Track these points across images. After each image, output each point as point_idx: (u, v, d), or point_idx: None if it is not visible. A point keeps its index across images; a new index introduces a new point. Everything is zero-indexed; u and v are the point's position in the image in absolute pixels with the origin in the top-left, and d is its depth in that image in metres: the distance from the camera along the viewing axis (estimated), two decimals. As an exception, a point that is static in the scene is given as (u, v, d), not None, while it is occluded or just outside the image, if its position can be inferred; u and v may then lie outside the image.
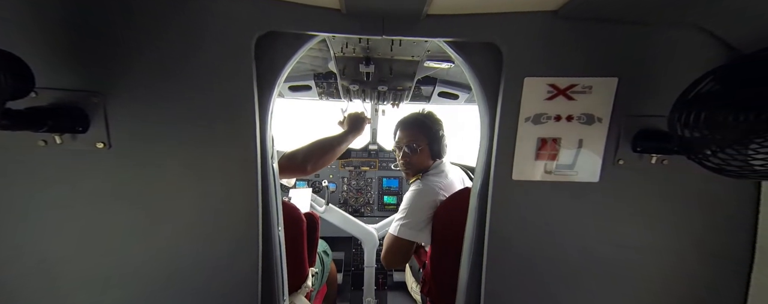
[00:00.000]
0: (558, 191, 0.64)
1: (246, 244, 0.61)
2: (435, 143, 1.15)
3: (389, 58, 0.97)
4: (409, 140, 1.15)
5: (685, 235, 0.65)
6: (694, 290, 0.67)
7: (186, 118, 0.56)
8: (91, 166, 0.56)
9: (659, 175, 0.63)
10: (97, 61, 0.53)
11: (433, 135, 1.15)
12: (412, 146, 1.14)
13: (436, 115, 1.21)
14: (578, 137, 0.62)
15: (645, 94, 0.59)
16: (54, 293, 0.60)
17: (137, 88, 0.55)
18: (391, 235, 1.02)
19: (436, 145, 1.15)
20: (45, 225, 0.58)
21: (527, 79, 0.59)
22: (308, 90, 1.41)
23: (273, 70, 0.60)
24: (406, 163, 1.18)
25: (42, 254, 0.59)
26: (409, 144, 1.15)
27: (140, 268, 0.61)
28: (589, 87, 0.59)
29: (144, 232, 0.60)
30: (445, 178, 1.10)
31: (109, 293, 0.61)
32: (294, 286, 0.90)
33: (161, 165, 0.57)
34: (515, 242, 0.67)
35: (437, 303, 1.09)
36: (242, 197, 0.60)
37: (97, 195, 0.57)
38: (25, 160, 0.55)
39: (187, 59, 0.54)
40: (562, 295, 0.69)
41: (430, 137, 1.14)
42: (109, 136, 0.55)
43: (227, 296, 0.63)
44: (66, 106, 0.53)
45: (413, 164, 1.16)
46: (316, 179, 2.01)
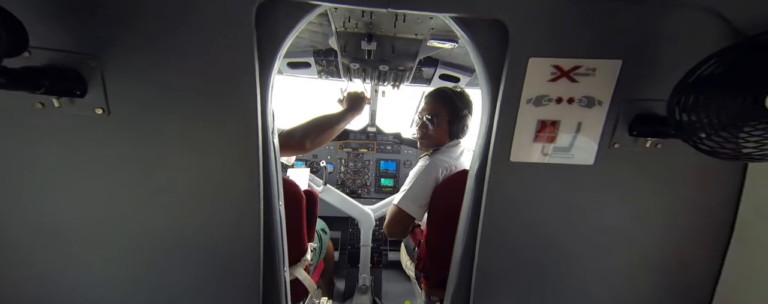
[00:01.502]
0: (553, 173, 0.66)
1: (247, 216, 0.63)
2: (455, 122, 1.12)
3: (392, 35, 0.94)
4: (430, 112, 1.14)
5: (669, 216, 0.68)
6: (673, 266, 0.72)
7: (185, 87, 0.55)
8: (90, 131, 0.56)
9: (652, 159, 0.65)
10: (93, 22, 0.51)
11: (455, 113, 1.12)
12: (431, 119, 1.13)
13: (468, 95, 1.17)
14: (577, 120, 0.63)
15: (647, 77, 0.59)
16: (55, 253, 0.61)
17: (135, 53, 0.53)
18: (394, 205, 1.05)
19: (456, 124, 1.12)
20: (46, 187, 0.58)
21: (532, 59, 0.58)
22: (307, 67, 1.38)
23: (274, 41, 0.58)
24: (422, 134, 1.17)
25: (43, 216, 0.60)
26: (431, 116, 1.13)
27: (142, 235, 0.62)
28: (592, 69, 0.58)
29: (145, 200, 0.60)
30: (455, 159, 1.09)
31: (113, 258, 0.63)
32: (294, 259, 0.93)
33: (161, 134, 0.57)
34: (509, 222, 0.69)
35: (431, 279, 1.15)
36: (243, 170, 0.60)
37: (96, 161, 0.57)
38: (24, 122, 0.54)
39: (185, 26, 0.52)
40: (552, 273, 0.73)
41: (452, 114, 1.12)
42: (108, 102, 0.54)
43: (230, 265, 0.66)
44: (62, 68, 0.51)
45: (429, 136, 1.15)
46: (315, 159, 2.02)
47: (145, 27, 0.52)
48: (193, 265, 0.65)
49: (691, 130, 0.47)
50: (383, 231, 1.11)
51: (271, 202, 0.66)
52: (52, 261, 0.62)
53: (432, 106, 1.15)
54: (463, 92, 1.18)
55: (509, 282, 0.73)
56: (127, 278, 0.65)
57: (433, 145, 1.16)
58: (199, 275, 0.66)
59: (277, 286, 0.72)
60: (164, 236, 0.63)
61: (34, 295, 0.64)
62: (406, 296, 1.58)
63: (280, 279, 0.72)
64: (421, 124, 1.18)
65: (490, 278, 0.73)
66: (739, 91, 0.41)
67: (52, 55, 0.51)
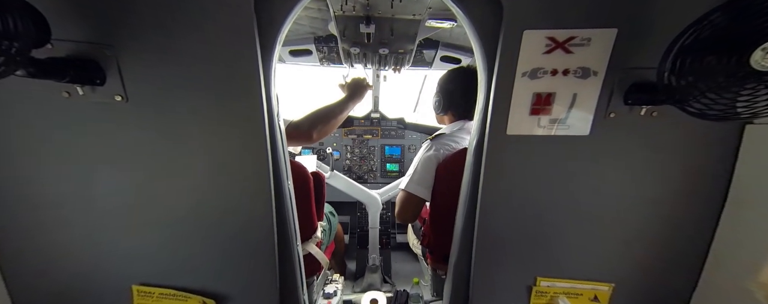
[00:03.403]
0: (550, 145, 0.67)
1: (259, 194, 0.67)
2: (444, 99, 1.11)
3: (390, 17, 0.94)
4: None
5: (665, 181, 0.70)
6: (669, 229, 0.73)
7: (193, 73, 0.59)
8: (111, 117, 0.61)
9: (647, 127, 0.66)
10: (106, 13, 0.54)
11: (442, 90, 1.12)
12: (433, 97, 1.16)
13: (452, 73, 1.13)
14: (573, 92, 0.64)
15: (642, 45, 0.59)
16: (90, 223, 0.68)
17: (145, 41, 0.56)
18: (402, 190, 1.08)
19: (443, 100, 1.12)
20: (79, 167, 0.64)
21: (526, 32, 0.59)
22: (309, 55, 1.40)
23: (273, 25, 0.60)
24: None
25: (78, 193, 0.66)
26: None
27: (161, 212, 0.68)
28: (587, 39, 0.59)
29: (162, 180, 0.66)
30: (458, 144, 1.07)
31: (137, 232, 0.69)
32: (305, 236, 1.00)
33: (174, 118, 0.61)
34: (507, 193, 0.72)
35: (436, 254, 1.20)
36: (252, 150, 0.64)
37: (118, 144, 0.63)
38: (55, 109, 0.60)
39: (189, 13, 0.55)
40: (549, 241, 0.76)
41: (442, 93, 1.12)
42: (125, 89, 0.58)
43: (246, 240, 0.71)
44: (82, 58, 0.55)
45: (435, 114, 1.19)
46: (321, 146, 2.07)
47: (153, 15, 0.55)
48: (212, 240, 0.71)
49: (680, 94, 0.48)
50: (395, 217, 1.14)
51: (280, 181, 0.70)
52: (89, 230, 0.69)
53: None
54: (459, 69, 1.15)
55: (507, 251, 0.77)
56: (151, 250, 0.71)
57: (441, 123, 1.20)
58: (218, 249, 0.72)
59: (291, 259, 0.78)
60: (181, 213, 0.68)
61: (79, 261, 0.71)
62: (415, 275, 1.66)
63: (294, 253, 0.78)
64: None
65: (489, 248, 0.76)
66: (725, 51, 0.42)
67: (71, 46, 0.55)
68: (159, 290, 0.72)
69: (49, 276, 0.72)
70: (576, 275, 0.77)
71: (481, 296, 0.81)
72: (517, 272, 0.79)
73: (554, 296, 0.78)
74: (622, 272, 0.77)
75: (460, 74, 1.11)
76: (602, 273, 0.77)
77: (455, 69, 1.16)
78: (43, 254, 0.70)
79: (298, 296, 0.81)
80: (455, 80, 1.11)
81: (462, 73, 1.11)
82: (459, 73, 1.12)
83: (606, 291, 0.78)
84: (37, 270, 0.71)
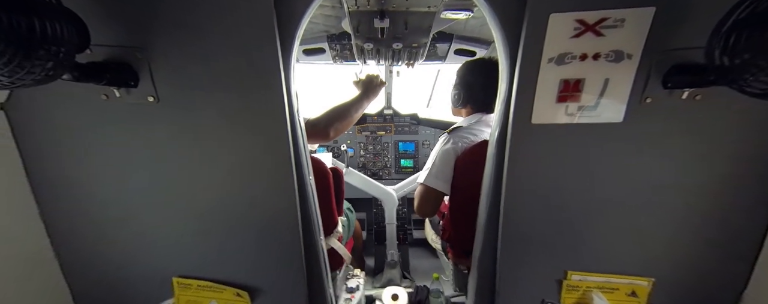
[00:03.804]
0: (579, 133, 0.64)
1: (283, 189, 0.69)
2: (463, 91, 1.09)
3: (404, 10, 0.93)
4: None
5: (709, 168, 0.65)
6: (714, 223, 0.68)
7: (217, 72, 0.60)
8: (145, 117, 0.63)
9: (689, 111, 0.61)
10: (136, 17, 0.56)
11: (462, 82, 1.09)
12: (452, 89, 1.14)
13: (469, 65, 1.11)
14: (604, 77, 0.60)
15: (683, 24, 0.55)
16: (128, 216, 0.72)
17: (172, 43, 0.58)
18: (420, 184, 1.07)
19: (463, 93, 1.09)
20: (118, 165, 0.68)
21: (553, 15, 0.57)
22: (322, 53, 1.41)
23: (292, 21, 0.61)
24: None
25: (116, 191, 0.70)
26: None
27: (192, 207, 0.71)
28: (621, 20, 0.55)
29: (192, 176, 0.68)
30: (477, 136, 1.05)
31: (176, 229, 0.73)
32: (327, 231, 1.01)
33: (201, 115, 0.63)
34: (533, 185, 0.69)
35: (457, 248, 1.19)
36: (275, 146, 0.65)
37: (151, 142, 0.65)
38: (96, 111, 0.63)
39: (211, 14, 0.56)
40: (579, 234, 0.72)
41: (462, 86, 1.09)
42: (156, 89, 0.61)
43: (273, 234, 0.73)
44: (117, 61, 0.58)
45: (452, 107, 1.18)
46: (335, 144, 2.09)
47: (177, 17, 0.56)
48: (241, 234, 0.73)
49: (734, 74, 0.44)
50: (415, 211, 1.13)
51: (303, 176, 0.72)
52: (130, 224, 0.73)
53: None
54: (477, 61, 1.13)
55: (535, 244, 0.74)
56: (186, 244, 0.74)
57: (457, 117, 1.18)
58: (247, 243, 0.74)
59: (315, 253, 0.79)
60: (211, 208, 0.71)
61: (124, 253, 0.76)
62: (433, 271, 1.66)
63: (319, 247, 0.80)
64: None
65: (517, 242, 0.74)
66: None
67: (107, 50, 0.57)
68: (197, 282, 0.75)
69: (100, 268, 0.77)
70: (610, 269, 0.74)
71: (508, 291, 0.79)
72: (545, 265, 0.76)
73: (587, 290, 0.75)
74: (662, 267, 0.73)
75: (481, 66, 1.08)
76: (640, 267, 0.74)
77: (475, 60, 1.13)
78: (93, 247, 0.75)
79: (325, 289, 0.83)
80: (476, 72, 1.08)
81: (482, 64, 1.08)
82: (479, 65, 1.09)
83: (645, 286, 0.74)
84: (90, 263, 0.76)
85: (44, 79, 0.42)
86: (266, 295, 0.78)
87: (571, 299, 0.77)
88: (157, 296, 0.77)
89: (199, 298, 0.76)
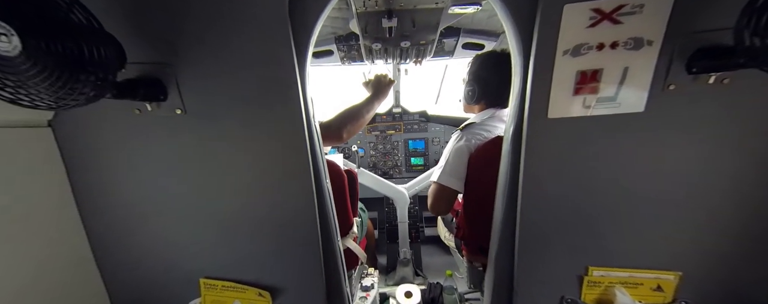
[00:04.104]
0: (597, 125, 0.62)
1: (302, 192, 0.71)
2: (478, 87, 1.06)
3: (411, 8, 0.93)
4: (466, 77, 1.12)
5: (738, 156, 0.62)
6: (746, 213, 0.65)
7: (238, 83, 0.62)
8: (173, 128, 0.67)
9: (716, 97, 0.58)
10: (162, 34, 0.59)
11: (476, 78, 1.07)
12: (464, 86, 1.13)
13: (483, 58, 1.08)
14: (623, 66, 0.58)
15: (708, 5, 0.52)
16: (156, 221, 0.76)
17: (197, 56, 0.61)
18: (434, 182, 1.06)
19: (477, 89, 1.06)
20: (147, 172, 0.72)
21: (567, 6, 0.55)
22: (330, 55, 1.42)
23: (305, 28, 0.62)
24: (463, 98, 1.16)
25: (150, 199, 0.74)
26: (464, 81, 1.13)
27: (215, 211, 0.74)
28: (640, 5, 0.53)
29: (219, 183, 0.71)
30: (490, 133, 1.03)
31: (203, 233, 0.76)
32: (343, 232, 1.03)
33: (225, 126, 0.66)
34: (551, 180, 0.68)
35: (471, 245, 1.18)
36: (293, 152, 0.67)
37: (179, 151, 0.69)
38: (129, 124, 0.68)
39: (228, 24, 0.58)
40: (600, 228, 0.70)
41: (477, 82, 1.07)
42: (184, 102, 0.64)
43: (293, 236, 0.75)
44: (149, 77, 0.62)
45: (465, 104, 1.16)
46: (346, 145, 2.11)
47: (200, 33, 0.59)
48: (263, 236, 0.75)
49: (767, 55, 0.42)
50: (429, 210, 1.12)
51: (320, 180, 0.73)
52: (162, 229, 0.77)
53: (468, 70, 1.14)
54: (491, 53, 1.10)
55: (553, 240, 0.73)
56: (212, 246, 0.78)
57: (469, 113, 1.16)
58: (268, 245, 0.76)
59: (334, 254, 0.81)
60: (234, 212, 0.73)
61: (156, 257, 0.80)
62: (445, 268, 1.65)
63: (336, 247, 0.81)
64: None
65: (535, 238, 0.73)
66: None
67: (139, 67, 0.61)
68: (221, 283, 0.78)
69: (135, 270, 0.81)
70: (634, 263, 0.72)
71: (527, 288, 0.78)
72: (565, 261, 0.75)
73: (609, 286, 0.73)
74: (690, 261, 0.70)
75: (495, 60, 1.05)
76: (666, 261, 0.71)
77: (487, 54, 1.10)
78: (128, 251, 0.79)
79: (343, 288, 0.84)
80: (489, 67, 1.05)
81: (496, 58, 1.05)
82: (493, 59, 1.06)
83: (671, 280, 0.71)
84: (125, 265, 0.81)
85: (91, 99, 0.45)
86: (287, 294, 0.80)
87: (593, 295, 0.76)
88: (186, 295, 0.81)
89: (224, 298, 0.79)
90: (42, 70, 0.39)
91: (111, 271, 0.82)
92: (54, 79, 0.40)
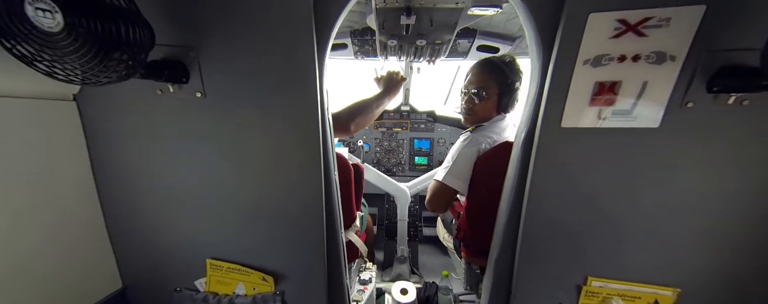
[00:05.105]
0: (611, 138, 0.62)
1: (311, 183, 0.71)
2: (505, 95, 1.05)
3: (431, 6, 0.92)
4: (479, 85, 1.07)
5: (753, 179, 0.61)
6: (755, 233, 0.64)
7: (259, 71, 0.63)
8: (193, 111, 0.68)
9: (734, 117, 0.58)
10: (189, 18, 0.60)
11: (505, 85, 1.04)
12: (479, 93, 1.06)
13: (518, 65, 1.07)
14: (643, 80, 0.58)
15: (735, 23, 0.52)
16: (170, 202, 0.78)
17: (221, 43, 0.61)
18: (436, 181, 1.07)
19: (506, 97, 1.06)
20: (164, 154, 0.73)
21: (592, 15, 0.55)
22: (344, 49, 1.42)
23: (327, 22, 0.62)
24: (468, 109, 1.11)
25: (162, 175, 0.76)
26: (478, 90, 1.06)
27: (226, 197, 0.75)
28: (667, 19, 0.53)
29: (229, 168, 0.72)
30: (499, 134, 1.05)
31: (214, 217, 0.77)
32: (346, 224, 1.04)
33: (242, 110, 0.67)
34: (559, 189, 0.68)
35: (471, 248, 1.19)
36: (306, 142, 0.68)
37: (196, 135, 0.70)
38: (151, 105, 0.69)
39: (257, 17, 0.59)
40: (604, 240, 0.71)
41: (502, 87, 1.05)
42: (204, 86, 0.65)
43: (298, 226, 0.76)
44: (173, 60, 0.63)
45: (475, 112, 1.10)
46: (352, 139, 2.11)
47: (226, 21, 0.60)
48: (270, 223, 0.76)
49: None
50: (426, 206, 1.13)
51: (328, 171, 0.74)
52: (175, 212, 0.79)
53: (480, 79, 1.07)
54: (513, 61, 1.08)
55: (556, 248, 0.73)
56: (222, 230, 0.79)
57: (478, 121, 1.11)
58: (275, 232, 0.77)
59: (336, 245, 0.82)
60: (246, 198, 0.74)
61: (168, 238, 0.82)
62: (441, 268, 1.66)
63: (339, 239, 0.82)
64: (467, 99, 1.11)
65: (537, 245, 0.74)
66: None
67: (165, 49, 0.62)
68: (227, 265, 0.80)
69: (146, 246, 0.83)
70: (634, 277, 0.72)
71: (525, 293, 0.79)
72: (565, 270, 0.75)
73: (607, 297, 0.74)
74: (691, 278, 0.71)
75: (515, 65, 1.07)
76: (666, 277, 0.71)
77: (510, 60, 1.09)
78: (141, 227, 0.81)
79: (343, 279, 0.86)
80: (516, 73, 1.06)
81: (514, 63, 1.07)
82: (514, 64, 1.07)
83: (669, 296, 0.72)
84: (137, 240, 0.83)
85: (122, 77, 0.47)
86: (289, 281, 0.82)
87: (590, 304, 0.76)
88: (191, 275, 0.83)
89: (228, 279, 0.81)
90: (81, 46, 0.40)
91: (121, 245, 0.84)
92: (91, 56, 0.41)
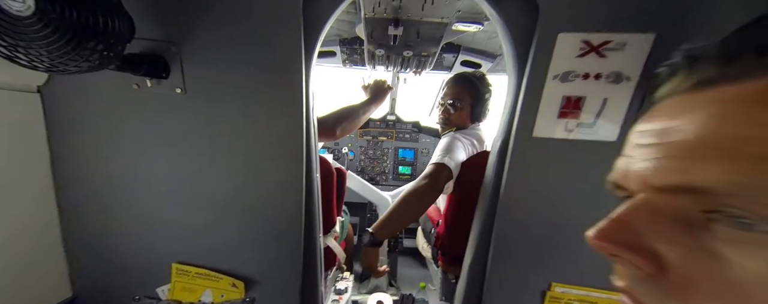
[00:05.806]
0: (575, 149, 0.67)
1: (292, 185, 0.70)
2: (478, 105, 1.18)
3: (418, 19, 0.97)
4: (454, 97, 1.19)
5: None
6: None
7: (244, 69, 0.62)
8: (171, 107, 0.65)
9: None
10: (173, 13, 0.59)
11: (478, 96, 1.18)
12: (455, 104, 1.19)
13: (487, 79, 1.22)
14: (603, 96, 0.64)
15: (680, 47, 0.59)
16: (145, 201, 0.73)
17: (205, 39, 0.60)
18: (433, 164, 1.01)
19: (479, 107, 1.19)
20: (140, 151, 0.69)
21: (561, 35, 0.60)
22: (333, 56, 1.44)
23: (316, 25, 0.63)
24: (445, 119, 1.23)
25: (137, 173, 0.70)
26: (454, 101, 1.19)
27: (203, 196, 0.71)
28: (623, 43, 0.59)
29: (209, 168, 0.69)
30: (477, 141, 1.15)
31: (184, 217, 0.73)
32: (325, 229, 1.01)
33: (223, 109, 0.65)
34: (527, 195, 0.71)
35: (448, 256, 1.20)
36: (290, 143, 0.67)
37: (175, 132, 0.67)
38: (125, 100, 0.65)
39: (245, 14, 0.59)
40: (567, 246, 0.74)
41: (475, 98, 1.18)
42: (185, 82, 0.63)
43: (276, 229, 0.73)
44: (153, 54, 0.60)
45: (451, 121, 1.21)
46: (336, 146, 2.10)
47: (213, 17, 0.59)
48: (246, 226, 0.73)
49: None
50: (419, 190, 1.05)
51: (311, 173, 0.73)
52: (144, 210, 0.73)
53: (455, 91, 1.20)
54: (483, 76, 1.22)
55: (524, 255, 0.76)
56: (192, 232, 0.74)
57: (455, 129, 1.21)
58: (250, 235, 0.74)
59: (314, 251, 0.79)
60: (221, 199, 0.71)
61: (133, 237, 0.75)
62: (420, 280, 1.64)
63: (317, 244, 0.79)
64: (444, 109, 1.23)
65: (508, 251, 0.76)
66: None
67: (146, 43, 0.60)
68: (195, 270, 0.74)
69: (104, 248, 0.76)
70: (593, 283, 0.76)
71: (495, 300, 0.80)
72: (533, 276, 0.77)
73: (568, 303, 0.76)
74: None
75: (485, 80, 1.20)
76: None
77: (481, 75, 1.22)
78: (100, 227, 0.75)
79: (318, 286, 0.82)
80: (486, 86, 1.20)
81: (484, 78, 1.20)
82: (484, 79, 1.21)
83: (628, 302, 0.75)
84: (94, 241, 0.75)
85: (94, 68, 0.44)
86: (261, 287, 0.77)
87: (554, 310, 0.78)
88: (153, 282, 0.77)
89: (195, 286, 0.75)
90: (52, 33, 0.38)
91: (75, 251, 0.76)
92: (62, 43, 0.39)
